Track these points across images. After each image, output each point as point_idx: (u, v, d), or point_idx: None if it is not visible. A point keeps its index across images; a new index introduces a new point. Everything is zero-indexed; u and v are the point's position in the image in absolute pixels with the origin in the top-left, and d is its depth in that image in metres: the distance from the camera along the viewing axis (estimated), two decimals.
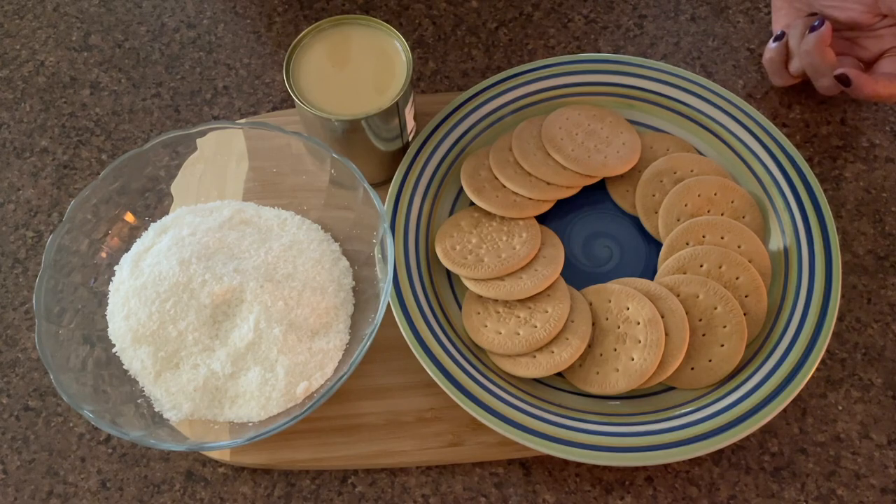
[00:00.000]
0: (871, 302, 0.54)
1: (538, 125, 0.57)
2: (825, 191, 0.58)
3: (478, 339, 0.50)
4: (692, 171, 0.55)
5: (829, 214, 0.52)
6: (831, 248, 0.51)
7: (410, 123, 0.56)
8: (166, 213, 0.56)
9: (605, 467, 0.49)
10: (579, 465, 0.49)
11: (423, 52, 0.65)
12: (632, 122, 0.58)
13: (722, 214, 0.54)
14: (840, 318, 0.54)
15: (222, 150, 0.56)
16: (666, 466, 0.49)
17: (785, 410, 0.51)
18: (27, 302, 0.56)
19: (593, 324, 0.50)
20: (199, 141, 0.55)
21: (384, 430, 0.50)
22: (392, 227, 0.53)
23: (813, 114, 0.61)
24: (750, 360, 0.49)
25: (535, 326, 0.50)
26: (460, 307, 0.53)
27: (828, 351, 0.53)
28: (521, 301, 0.51)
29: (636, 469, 0.49)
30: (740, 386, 0.48)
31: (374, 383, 0.51)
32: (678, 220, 0.54)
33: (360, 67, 0.53)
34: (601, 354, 0.49)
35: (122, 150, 0.61)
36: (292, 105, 0.63)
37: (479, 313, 0.51)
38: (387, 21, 0.55)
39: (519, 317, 0.50)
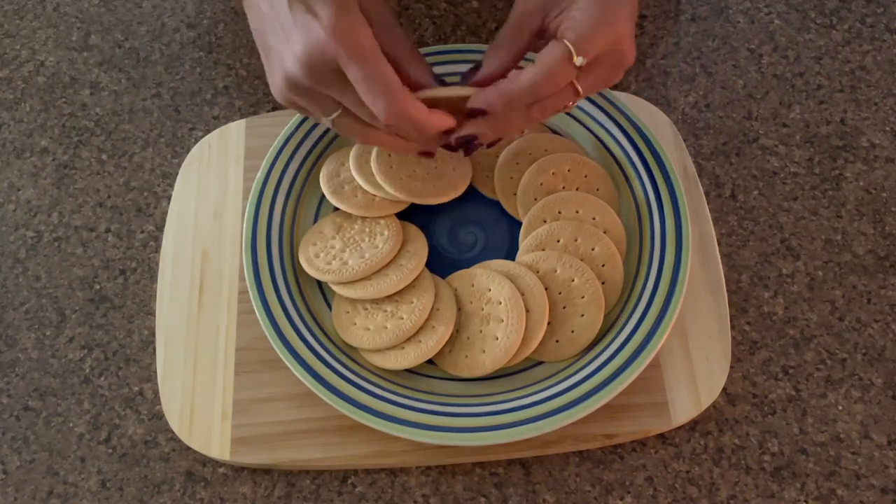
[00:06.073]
0: (871, 302, 0.54)
1: None
2: (825, 191, 0.58)
3: (347, 337, 0.51)
4: (545, 150, 0.56)
5: (675, 177, 0.53)
6: (679, 208, 0.52)
7: None
8: (165, 213, 0.56)
9: (604, 467, 0.49)
10: (579, 465, 0.49)
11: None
12: None
13: (577, 189, 0.55)
14: (840, 318, 0.54)
15: (222, 149, 0.56)
16: (666, 466, 0.49)
17: (785, 410, 0.51)
18: (27, 302, 0.56)
19: (459, 309, 0.51)
20: (199, 141, 0.55)
21: None
22: (253, 239, 0.52)
23: (813, 114, 0.61)
24: (611, 327, 0.50)
25: (402, 318, 0.50)
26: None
27: (828, 351, 0.53)
28: (388, 296, 0.51)
29: (636, 469, 0.49)
30: (603, 351, 0.49)
31: None
32: (535, 199, 0.54)
33: None
34: (468, 338, 0.50)
35: (122, 150, 0.61)
36: None
37: (347, 312, 0.52)
38: None
39: (386, 311, 0.51)
